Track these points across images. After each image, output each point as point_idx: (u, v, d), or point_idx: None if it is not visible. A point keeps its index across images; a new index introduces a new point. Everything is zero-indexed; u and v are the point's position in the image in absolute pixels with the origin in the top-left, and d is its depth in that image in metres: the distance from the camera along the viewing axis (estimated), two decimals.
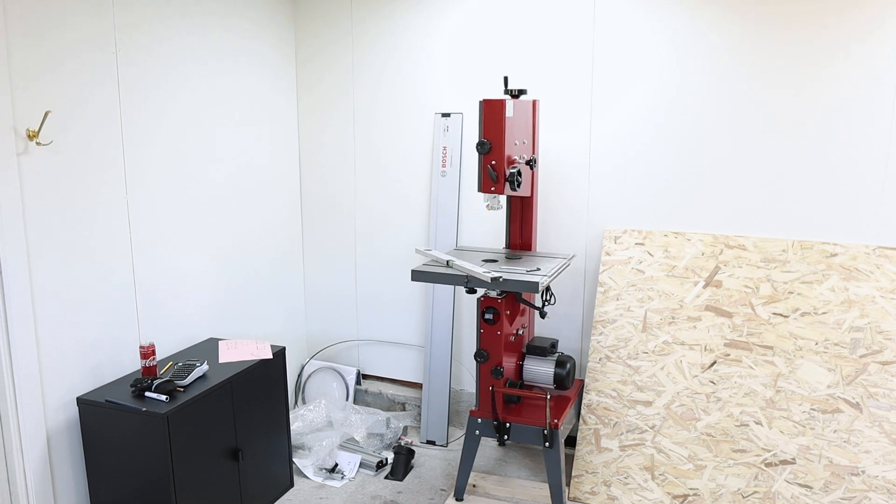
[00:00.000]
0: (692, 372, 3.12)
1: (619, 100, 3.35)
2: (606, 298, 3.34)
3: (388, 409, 4.02)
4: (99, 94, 2.75)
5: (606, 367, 3.26)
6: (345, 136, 3.94)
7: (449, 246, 3.68)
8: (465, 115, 3.64)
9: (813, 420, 2.92)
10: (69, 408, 2.72)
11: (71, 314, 2.71)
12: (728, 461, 2.97)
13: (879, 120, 2.97)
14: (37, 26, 2.49)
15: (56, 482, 2.70)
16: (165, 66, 3.06)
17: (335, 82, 3.89)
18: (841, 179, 3.07)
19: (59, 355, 2.67)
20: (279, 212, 3.93)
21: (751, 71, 3.12)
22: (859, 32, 2.94)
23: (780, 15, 3.04)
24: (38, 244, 2.55)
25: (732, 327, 3.12)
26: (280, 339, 3.94)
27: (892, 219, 3.01)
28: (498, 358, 3.00)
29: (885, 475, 2.77)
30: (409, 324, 3.98)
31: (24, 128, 2.46)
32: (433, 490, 3.30)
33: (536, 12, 3.42)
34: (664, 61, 3.25)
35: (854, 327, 2.96)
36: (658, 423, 3.11)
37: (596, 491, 3.10)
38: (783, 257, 3.13)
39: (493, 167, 2.89)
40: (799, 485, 2.86)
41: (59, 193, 2.62)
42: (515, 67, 3.46)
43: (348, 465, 3.44)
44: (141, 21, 2.91)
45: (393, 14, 3.70)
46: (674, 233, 3.32)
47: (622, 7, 3.27)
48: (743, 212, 3.24)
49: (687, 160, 3.29)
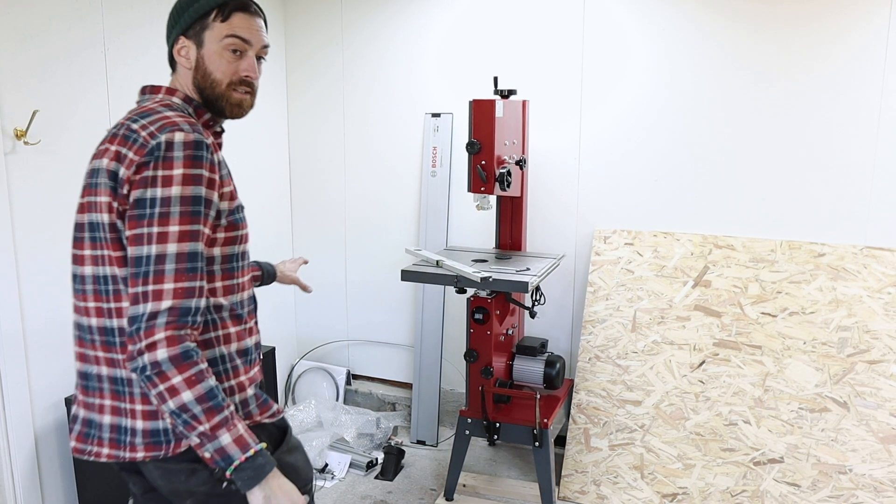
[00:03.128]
0: (681, 371, 3.13)
1: (609, 100, 3.36)
2: (596, 298, 3.35)
3: (379, 409, 4.02)
4: (88, 94, 2.74)
5: (596, 366, 3.27)
6: (335, 136, 3.94)
7: (439, 246, 3.68)
8: (455, 116, 3.64)
9: (801, 419, 2.93)
10: (57, 408, 2.71)
11: (59, 314, 2.69)
12: (717, 460, 2.98)
13: (867, 120, 2.99)
14: (25, 27, 2.48)
15: (44, 483, 2.69)
16: (156, 68, 3.04)
17: (325, 83, 3.89)
18: (828, 180, 3.09)
19: (47, 355, 2.66)
20: (269, 212, 3.92)
21: (740, 71, 3.14)
22: (846, 33, 2.96)
23: (769, 15, 3.05)
24: (25, 243, 2.54)
25: (721, 327, 3.13)
26: (270, 339, 3.93)
27: (879, 219, 3.04)
28: (488, 358, 3.00)
29: (872, 473, 2.79)
30: (399, 324, 3.98)
31: (12, 127, 2.45)
32: (423, 490, 3.30)
33: (527, 13, 3.43)
34: (654, 61, 3.27)
35: (841, 327, 2.98)
36: (647, 423, 3.12)
37: (585, 490, 3.11)
38: (771, 257, 3.15)
39: (483, 167, 2.90)
40: (787, 483, 2.87)
41: (47, 193, 2.61)
42: (505, 68, 3.47)
43: (338, 465, 3.44)
44: (130, 23, 2.91)
45: (383, 15, 3.70)
46: (663, 233, 3.34)
47: (612, 8, 3.28)
48: (732, 212, 3.25)
49: (676, 160, 3.30)
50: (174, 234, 1.35)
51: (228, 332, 1.51)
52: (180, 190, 1.36)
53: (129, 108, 1.56)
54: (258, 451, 1.38)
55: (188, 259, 1.36)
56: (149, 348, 1.32)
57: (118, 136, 1.43)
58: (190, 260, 1.37)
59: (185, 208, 1.36)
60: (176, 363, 1.33)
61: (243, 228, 1.56)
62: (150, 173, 1.36)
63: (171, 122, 1.40)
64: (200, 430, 1.34)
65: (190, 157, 1.37)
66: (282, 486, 1.41)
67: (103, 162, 1.43)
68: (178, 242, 1.35)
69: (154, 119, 1.42)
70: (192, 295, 1.37)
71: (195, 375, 1.34)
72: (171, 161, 1.36)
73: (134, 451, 1.44)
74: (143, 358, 1.33)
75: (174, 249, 1.35)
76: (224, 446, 1.35)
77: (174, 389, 1.32)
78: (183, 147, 1.37)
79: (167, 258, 1.35)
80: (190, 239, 1.37)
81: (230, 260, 1.52)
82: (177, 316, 1.34)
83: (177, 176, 1.36)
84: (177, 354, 1.33)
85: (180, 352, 1.33)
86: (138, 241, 1.35)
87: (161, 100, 1.52)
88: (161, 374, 1.32)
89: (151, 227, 1.35)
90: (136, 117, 1.45)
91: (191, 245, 1.37)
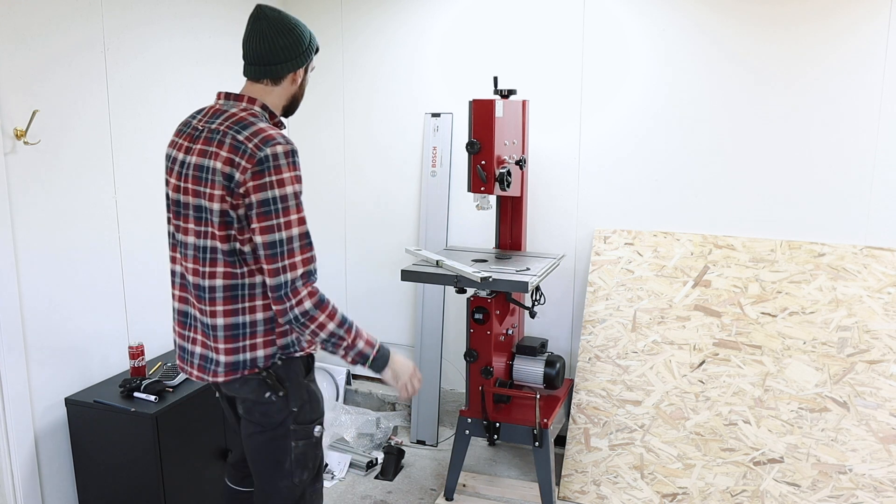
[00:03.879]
0: (681, 371, 3.13)
1: (609, 100, 3.36)
2: (596, 298, 3.35)
3: (378, 409, 4.02)
4: (88, 94, 2.74)
5: (596, 366, 3.27)
6: (335, 136, 3.94)
7: (439, 246, 3.68)
8: (455, 115, 3.64)
9: (801, 419, 2.93)
10: (57, 408, 2.71)
11: (59, 314, 2.70)
12: (717, 460, 2.98)
13: (866, 120, 2.99)
14: (25, 27, 2.48)
15: (44, 483, 2.69)
16: (155, 67, 3.05)
17: (326, 84, 3.89)
18: (828, 179, 3.09)
19: (47, 356, 2.66)
20: None
21: (740, 72, 3.14)
22: (846, 33, 2.96)
23: (769, 15, 3.05)
24: (25, 243, 2.54)
25: (721, 327, 3.13)
26: None
27: (879, 219, 3.04)
28: (488, 358, 3.00)
29: (872, 473, 2.79)
30: (399, 324, 3.98)
31: (12, 127, 2.45)
32: (423, 490, 3.30)
33: (527, 13, 3.43)
34: (654, 61, 3.26)
35: (841, 327, 2.98)
36: (647, 423, 3.12)
37: (585, 490, 3.11)
38: (771, 257, 3.15)
39: (483, 167, 2.90)
40: (787, 483, 2.87)
41: (46, 193, 2.61)
42: (506, 67, 3.46)
43: (338, 465, 3.44)
44: (130, 23, 2.91)
45: (383, 15, 3.70)
46: (663, 233, 3.34)
47: (612, 8, 3.28)
48: (732, 212, 3.25)
49: (676, 160, 3.30)
50: (294, 221, 1.82)
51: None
52: (292, 189, 1.81)
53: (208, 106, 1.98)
54: (379, 346, 1.98)
55: (306, 237, 1.85)
56: (298, 304, 1.81)
57: (227, 144, 1.83)
58: (306, 237, 1.85)
59: (296, 202, 1.83)
60: (319, 307, 1.84)
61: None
62: (267, 179, 1.78)
63: (271, 137, 1.81)
64: (346, 345, 1.89)
65: (291, 164, 1.82)
66: (401, 363, 2.03)
67: (216, 164, 1.83)
68: (298, 227, 1.83)
69: (254, 132, 1.83)
70: (313, 261, 1.87)
71: (332, 311, 1.87)
72: (280, 168, 1.79)
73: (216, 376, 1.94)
74: (294, 311, 1.82)
75: (296, 232, 1.82)
76: (361, 349, 1.93)
77: (322, 325, 1.85)
78: (284, 156, 1.80)
79: (293, 239, 1.82)
80: (304, 223, 1.85)
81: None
82: (308, 277, 1.84)
83: (286, 178, 1.80)
84: (317, 302, 1.84)
85: (319, 300, 1.84)
86: (269, 231, 1.80)
87: (245, 108, 1.93)
88: (312, 318, 1.83)
89: (279, 219, 1.80)
90: (236, 127, 1.85)
91: (305, 227, 1.85)
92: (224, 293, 1.89)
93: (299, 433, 1.99)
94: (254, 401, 1.98)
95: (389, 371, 2.00)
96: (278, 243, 1.81)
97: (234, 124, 1.86)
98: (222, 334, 1.90)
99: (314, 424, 2.03)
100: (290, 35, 1.94)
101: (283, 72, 1.96)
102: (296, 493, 2.04)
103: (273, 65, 1.94)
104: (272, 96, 1.99)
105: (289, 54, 1.95)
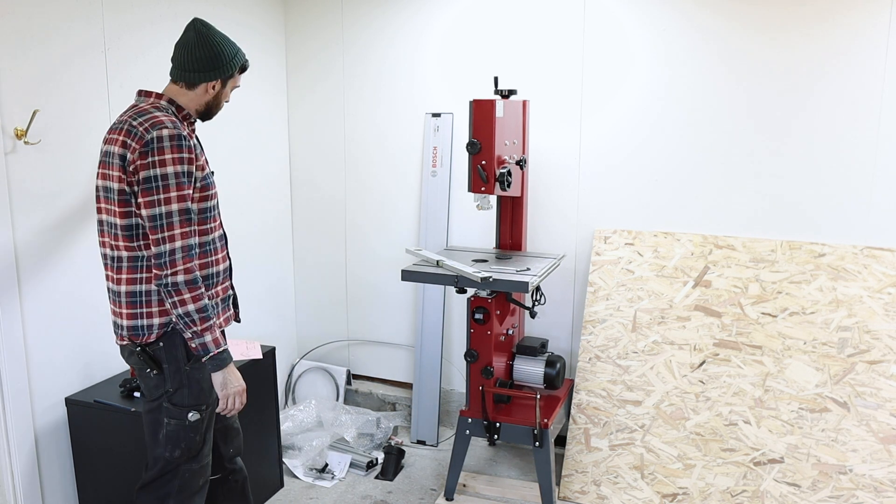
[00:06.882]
0: (681, 371, 3.13)
1: (610, 100, 3.36)
2: (596, 298, 3.35)
3: (379, 409, 4.02)
4: (88, 94, 2.74)
5: (596, 366, 3.27)
6: (335, 137, 3.94)
7: (439, 246, 3.68)
8: (455, 116, 3.64)
9: (801, 419, 2.93)
10: (57, 408, 2.71)
11: (60, 314, 2.70)
12: (717, 460, 2.98)
13: (867, 120, 2.99)
14: (26, 27, 2.48)
15: (44, 483, 2.69)
16: (156, 69, 3.04)
17: (327, 84, 3.89)
18: (829, 180, 3.09)
19: (48, 356, 2.66)
20: (270, 212, 3.92)
21: (740, 72, 3.14)
22: (846, 34, 2.96)
23: (770, 17, 3.05)
24: (25, 243, 2.54)
25: (721, 327, 3.13)
26: (270, 339, 3.92)
27: (879, 219, 3.03)
28: (488, 358, 3.00)
29: (872, 474, 2.79)
30: (400, 324, 3.98)
31: (12, 127, 2.45)
32: (423, 490, 3.30)
33: (527, 13, 3.43)
34: (654, 62, 3.26)
35: (842, 327, 2.98)
36: (647, 423, 3.12)
37: (586, 490, 3.11)
38: (772, 257, 3.15)
39: (484, 167, 2.90)
40: (787, 483, 2.87)
41: (47, 192, 2.61)
42: (505, 68, 3.46)
43: (338, 465, 3.44)
44: (130, 24, 2.90)
45: (383, 16, 3.70)
46: (663, 233, 3.34)
47: (613, 8, 3.28)
48: (732, 212, 3.25)
49: (677, 160, 3.30)
50: (174, 198, 2.03)
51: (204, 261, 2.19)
52: (173, 169, 2.02)
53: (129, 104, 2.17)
54: (224, 351, 2.14)
55: (185, 213, 2.05)
56: (172, 274, 2.03)
57: (123, 130, 2.06)
58: (185, 213, 2.05)
59: (177, 181, 2.03)
60: (188, 285, 2.05)
61: (212, 189, 2.20)
62: (150, 159, 2.00)
63: (159, 121, 2.03)
64: (194, 330, 2.07)
65: (174, 146, 2.02)
66: (235, 377, 2.19)
67: (115, 148, 2.05)
68: (177, 203, 2.03)
69: (148, 118, 2.05)
70: (192, 235, 2.08)
71: (198, 296, 2.06)
72: (163, 150, 2.01)
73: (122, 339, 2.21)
74: (167, 279, 2.03)
75: (175, 208, 2.03)
76: (205, 342, 2.09)
77: (183, 301, 2.05)
78: (169, 139, 2.02)
79: (173, 214, 2.03)
80: (184, 201, 2.05)
81: (203, 211, 2.18)
82: (187, 251, 2.06)
83: (168, 159, 2.01)
84: (190, 280, 2.05)
85: (192, 279, 2.06)
86: (151, 206, 2.01)
87: (152, 102, 2.16)
88: (177, 291, 2.04)
89: (159, 195, 2.01)
90: (135, 115, 2.08)
91: (185, 205, 2.05)
92: (128, 263, 2.12)
93: (172, 412, 2.17)
94: (139, 372, 2.24)
95: (221, 376, 2.15)
96: (158, 216, 2.01)
97: (135, 114, 2.08)
98: (124, 300, 2.14)
99: (189, 409, 2.17)
100: (209, 50, 2.15)
101: (197, 80, 2.17)
102: (170, 467, 2.21)
103: (188, 71, 2.16)
104: (185, 98, 2.19)
105: (203, 66, 2.16)
